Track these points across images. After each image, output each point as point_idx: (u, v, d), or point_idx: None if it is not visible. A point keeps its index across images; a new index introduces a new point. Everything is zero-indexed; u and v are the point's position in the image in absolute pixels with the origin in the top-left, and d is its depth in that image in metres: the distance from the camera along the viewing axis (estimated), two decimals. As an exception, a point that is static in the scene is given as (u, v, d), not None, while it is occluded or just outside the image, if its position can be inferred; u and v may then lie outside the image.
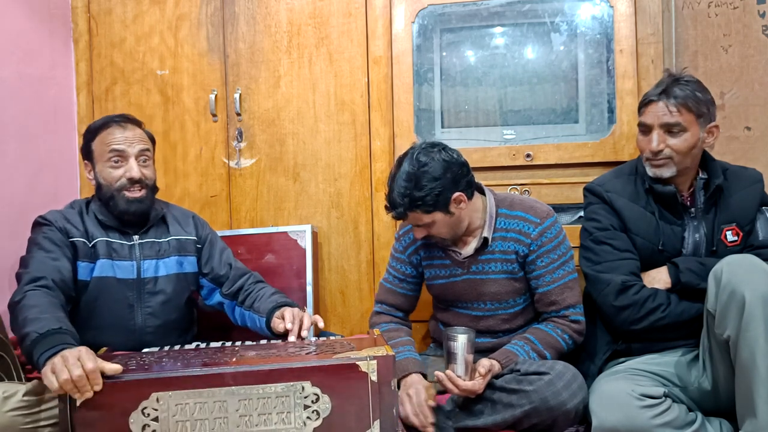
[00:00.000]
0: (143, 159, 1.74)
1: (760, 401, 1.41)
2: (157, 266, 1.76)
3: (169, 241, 1.79)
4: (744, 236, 1.70)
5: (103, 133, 1.73)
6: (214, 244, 1.88)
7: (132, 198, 1.71)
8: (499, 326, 1.80)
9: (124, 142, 1.71)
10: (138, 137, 1.74)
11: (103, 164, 1.72)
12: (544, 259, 1.72)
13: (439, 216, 1.65)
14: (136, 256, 1.74)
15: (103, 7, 2.39)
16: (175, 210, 1.90)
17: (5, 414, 1.31)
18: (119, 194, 1.70)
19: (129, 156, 1.71)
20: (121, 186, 1.70)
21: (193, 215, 1.91)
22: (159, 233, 1.79)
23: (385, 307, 1.91)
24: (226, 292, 1.83)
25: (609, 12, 2.08)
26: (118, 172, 1.70)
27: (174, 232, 1.82)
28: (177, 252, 1.80)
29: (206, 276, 1.85)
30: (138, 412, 1.25)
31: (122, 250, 1.73)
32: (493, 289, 1.76)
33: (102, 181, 1.72)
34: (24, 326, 1.40)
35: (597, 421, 1.52)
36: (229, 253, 1.89)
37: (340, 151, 2.27)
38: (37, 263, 1.59)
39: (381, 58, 2.22)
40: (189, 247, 1.83)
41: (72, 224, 1.70)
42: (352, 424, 1.30)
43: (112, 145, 1.71)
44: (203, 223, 1.91)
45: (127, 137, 1.72)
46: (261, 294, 1.79)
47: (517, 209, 1.76)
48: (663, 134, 1.67)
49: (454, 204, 1.66)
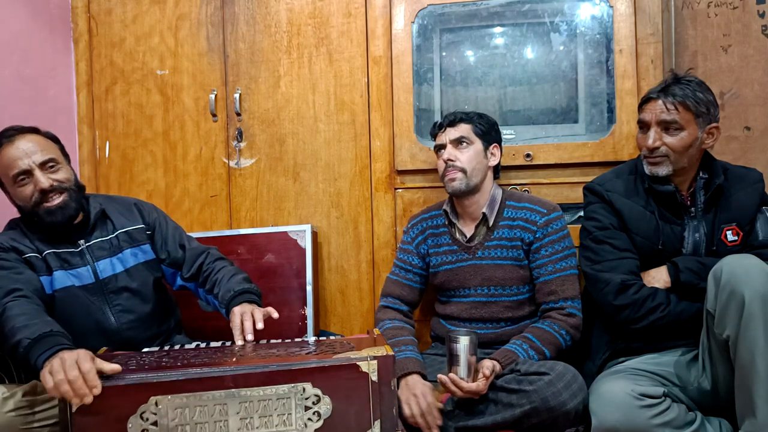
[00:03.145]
0: (50, 166, 1.63)
1: (760, 401, 1.42)
2: (112, 264, 1.71)
3: (117, 236, 1.74)
4: (744, 236, 1.70)
5: (0, 155, 1.62)
6: (164, 227, 1.83)
7: (52, 208, 1.62)
8: (502, 313, 1.83)
9: (22, 159, 1.60)
10: (34, 147, 1.62)
11: (13, 187, 1.63)
12: (548, 248, 1.79)
13: (478, 146, 1.85)
14: (88, 259, 1.69)
15: (103, 7, 2.39)
16: (116, 202, 1.83)
17: (5, 414, 1.32)
18: (39, 209, 1.62)
19: (32, 170, 1.60)
20: (36, 201, 1.61)
21: (135, 202, 1.85)
22: (104, 231, 1.74)
23: (390, 300, 1.93)
24: (186, 276, 1.80)
25: (609, 12, 2.08)
26: (29, 189, 1.61)
27: (119, 225, 1.76)
28: (128, 244, 1.75)
29: (164, 261, 1.81)
30: (137, 417, 1.25)
31: (73, 258, 1.68)
32: (498, 275, 1.82)
33: (19, 203, 1.65)
34: (13, 335, 1.38)
35: (597, 420, 1.52)
36: (181, 233, 1.85)
37: (340, 151, 2.27)
38: (6, 280, 1.53)
39: (381, 58, 2.22)
40: (139, 236, 1.77)
41: (19, 242, 1.64)
42: (352, 424, 1.30)
43: (13, 169, 1.60)
44: (148, 209, 1.85)
45: (24, 152, 1.60)
46: (220, 276, 1.74)
47: (524, 202, 1.87)
48: (660, 132, 1.68)
49: (491, 150, 1.88)
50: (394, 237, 2.21)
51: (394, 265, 1.98)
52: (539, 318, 1.80)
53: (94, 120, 2.41)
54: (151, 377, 1.27)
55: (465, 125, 1.85)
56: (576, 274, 1.79)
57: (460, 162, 1.82)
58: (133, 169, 2.38)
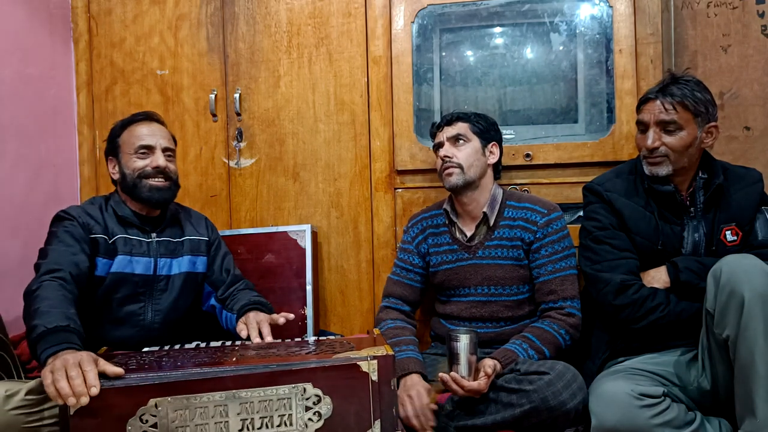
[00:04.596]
0: (168, 154, 1.80)
1: (759, 400, 1.42)
2: (170, 265, 1.80)
3: (183, 241, 1.84)
4: (743, 236, 1.70)
5: (131, 128, 1.79)
6: (220, 248, 1.94)
7: (155, 186, 1.75)
8: (502, 313, 1.83)
9: (152, 136, 1.78)
10: (164, 134, 1.81)
11: (129, 156, 1.76)
12: (548, 248, 1.80)
13: (476, 143, 1.86)
14: (153, 253, 1.77)
15: (103, 7, 2.39)
16: (189, 211, 1.96)
17: (7, 413, 1.31)
18: (142, 182, 1.75)
19: (155, 149, 1.77)
20: (145, 174, 1.75)
21: (205, 218, 1.98)
22: (174, 233, 1.84)
23: (392, 300, 1.94)
24: (220, 296, 1.87)
25: (608, 12, 2.08)
26: (144, 162, 1.76)
27: (188, 232, 1.87)
28: (190, 252, 1.84)
29: (208, 278, 1.89)
30: (136, 419, 1.24)
31: (140, 247, 1.76)
32: (498, 274, 1.83)
33: (126, 170, 1.76)
34: (33, 317, 1.40)
35: (596, 420, 1.53)
36: (230, 260, 1.95)
37: (340, 150, 2.27)
38: (56, 255, 1.60)
39: (381, 58, 2.22)
40: (202, 247, 1.87)
41: (94, 220, 1.72)
42: (352, 424, 1.30)
43: (141, 139, 1.77)
44: (213, 227, 1.98)
45: (155, 133, 1.79)
46: (241, 296, 1.83)
47: (525, 202, 1.87)
48: (659, 132, 1.68)
49: (489, 148, 1.88)
50: (394, 237, 2.21)
51: (395, 265, 1.99)
52: (539, 318, 1.80)
53: (94, 120, 2.41)
54: (150, 378, 1.26)
55: (462, 123, 1.87)
56: (576, 274, 1.80)
57: (456, 158, 1.83)
58: (133, 169, 2.38)
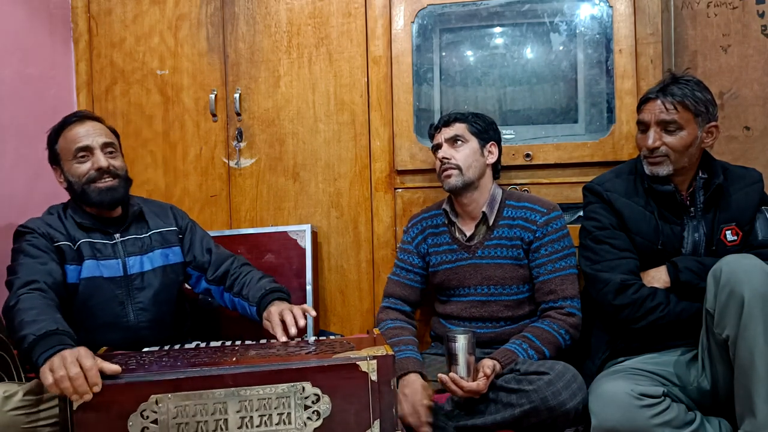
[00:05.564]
0: (109, 151, 1.73)
1: (759, 400, 1.42)
2: (142, 262, 1.76)
3: (150, 236, 1.80)
4: (743, 236, 1.70)
5: (65, 133, 1.73)
6: (194, 232, 1.90)
7: (103, 187, 1.70)
8: (502, 313, 1.83)
9: (87, 136, 1.71)
10: (99, 131, 1.74)
11: (70, 163, 1.71)
12: (548, 248, 1.79)
13: (474, 144, 1.85)
14: (120, 253, 1.74)
15: (103, 7, 2.39)
16: (152, 204, 1.90)
17: (6, 413, 1.31)
18: (90, 187, 1.70)
19: (94, 149, 1.70)
20: (90, 178, 1.69)
21: (170, 207, 1.93)
22: (139, 229, 1.80)
23: (392, 301, 1.94)
24: (210, 278, 1.84)
25: (608, 12, 2.08)
26: (86, 166, 1.70)
27: (154, 225, 1.82)
28: (160, 245, 1.81)
29: (190, 264, 1.86)
30: (137, 415, 1.25)
31: (105, 250, 1.73)
32: (498, 274, 1.83)
33: (71, 178, 1.71)
34: (20, 329, 1.39)
35: (596, 420, 1.52)
36: (209, 239, 1.91)
37: (340, 150, 2.27)
38: (27, 269, 1.58)
39: (380, 58, 2.22)
40: (171, 238, 1.84)
41: (54, 229, 1.69)
42: (351, 423, 1.30)
43: (76, 143, 1.70)
44: (182, 214, 1.93)
45: (89, 132, 1.72)
46: (248, 279, 1.80)
47: (524, 201, 1.87)
48: (659, 132, 1.68)
49: (488, 148, 1.88)
50: (394, 237, 2.21)
51: (395, 266, 1.98)
52: (538, 317, 1.80)
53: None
54: (151, 375, 1.27)
55: (460, 124, 1.87)
56: (575, 273, 1.80)
57: (455, 159, 1.83)
58: (133, 169, 2.38)
